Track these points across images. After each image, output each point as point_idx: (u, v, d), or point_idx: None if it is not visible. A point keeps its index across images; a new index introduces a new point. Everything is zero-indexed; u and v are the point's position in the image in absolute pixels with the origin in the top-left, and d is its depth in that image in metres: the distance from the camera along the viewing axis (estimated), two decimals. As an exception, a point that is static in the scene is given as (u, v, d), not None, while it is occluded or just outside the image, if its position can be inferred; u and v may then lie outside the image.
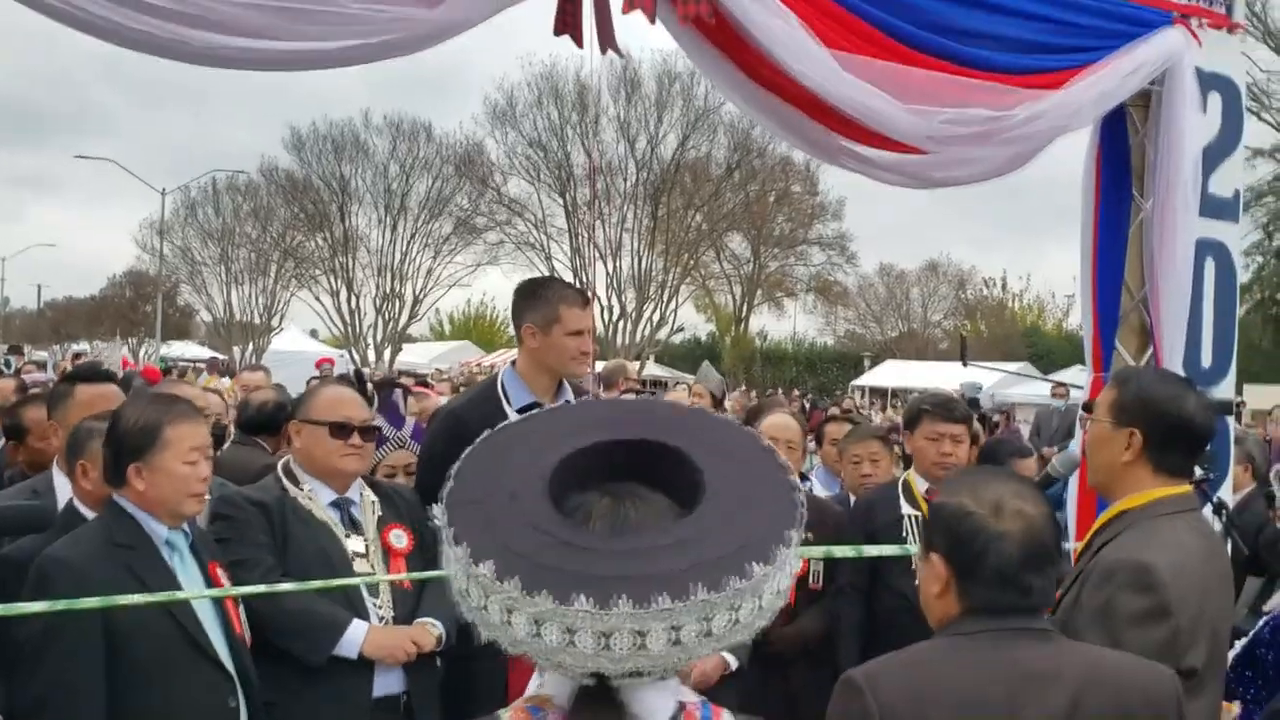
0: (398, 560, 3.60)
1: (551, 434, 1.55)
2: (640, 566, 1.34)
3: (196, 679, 2.94)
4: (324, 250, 42.86)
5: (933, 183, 4.23)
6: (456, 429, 3.94)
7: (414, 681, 3.49)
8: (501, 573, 1.34)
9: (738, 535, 1.38)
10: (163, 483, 2.97)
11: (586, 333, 3.98)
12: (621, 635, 1.31)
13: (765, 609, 1.38)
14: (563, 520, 1.42)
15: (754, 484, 1.46)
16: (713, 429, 1.57)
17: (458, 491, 1.48)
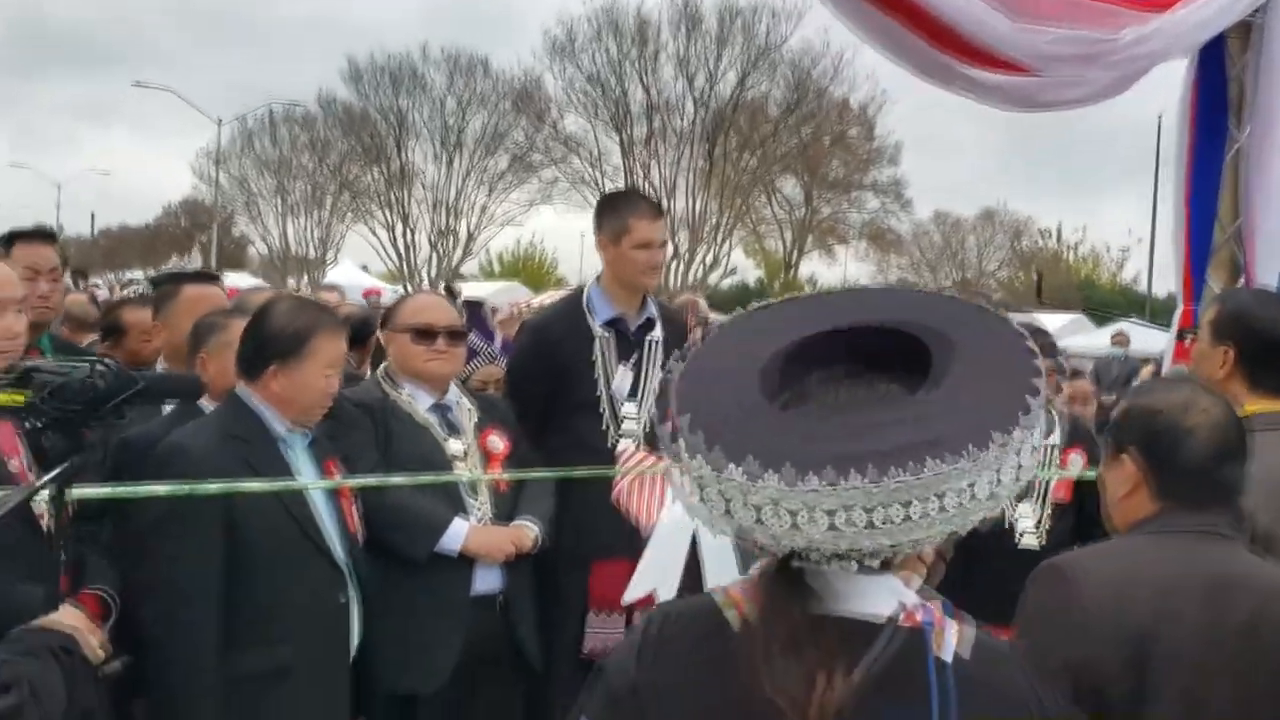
0: (495, 463, 3.67)
1: (768, 329, 1.47)
2: (870, 443, 1.26)
3: (310, 572, 3.00)
4: (380, 184, 43.10)
5: (1038, 105, 4.22)
6: (540, 342, 4.05)
7: (511, 581, 3.58)
8: (732, 457, 1.26)
9: (973, 411, 1.29)
10: (298, 390, 3.03)
11: (656, 245, 3.99)
12: (853, 512, 1.23)
13: (1005, 485, 1.28)
14: (790, 404, 1.36)
15: (988, 360, 1.36)
16: (942, 306, 1.48)
17: (679, 393, 1.39)
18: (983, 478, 1.25)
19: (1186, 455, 2.07)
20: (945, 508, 1.24)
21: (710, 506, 1.31)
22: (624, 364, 3.96)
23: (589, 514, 3.74)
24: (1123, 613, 1.96)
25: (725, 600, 1.43)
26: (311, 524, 3.03)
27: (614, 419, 3.92)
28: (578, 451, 3.78)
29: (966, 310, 1.46)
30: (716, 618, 1.41)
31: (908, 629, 1.35)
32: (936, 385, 1.33)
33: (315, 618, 3.00)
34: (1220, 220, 4.57)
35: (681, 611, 1.49)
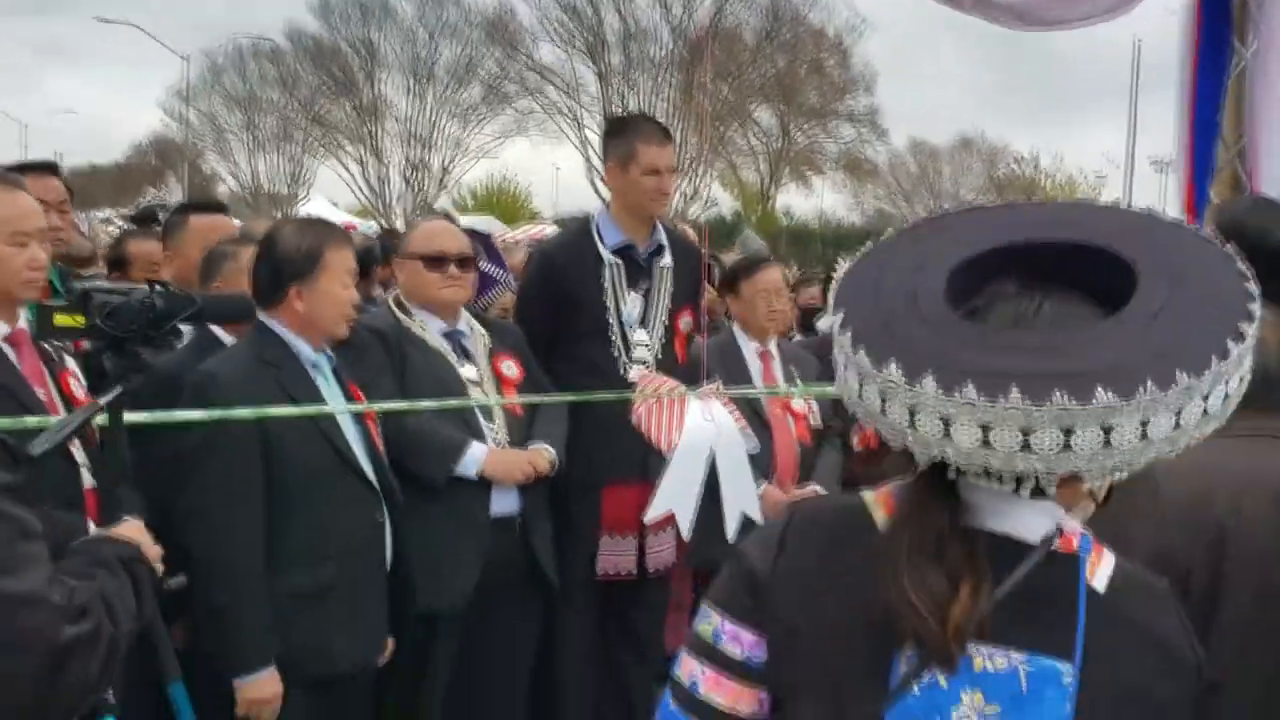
0: (509, 388, 3.69)
1: (947, 240, 1.39)
2: (1041, 363, 1.19)
3: (346, 493, 3.04)
4: (350, 118, 42.52)
5: (1047, 23, 4.18)
6: (549, 269, 4.02)
7: (528, 503, 3.61)
8: (913, 373, 1.21)
9: (1163, 345, 1.19)
10: (322, 304, 3.04)
11: (665, 171, 3.92)
12: (1008, 430, 1.17)
13: (1185, 429, 1.20)
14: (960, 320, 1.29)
15: (1191, 290, 1.26)
16: (1142, 221, 1.38)
17: (850, 301, 1.33)
18: (1160, 417, 1.17)
19: (1259, 363, 2.10)
20: (1111, 442, 1.16)
21: (888, 422, 1.26)
22: (634, 291, 3.94)
23: (600, 439, 3.76)
24: (1202, 506, 2.00)
25: (874, 500, 1.40)
26: (345, 446, 3.07)
27: (624, 346, 3.90)
28: (588, 378, 3.79)
29: (1174, 233, 1.36)
30: (862, 516, 1.39)
31: (1062, 554, 1.32)
32: (1127, 311, 1.24)
33: (354, 537, 3.04)
34: (1224, 138, 4.57)
35: (827, 506, 1.49)
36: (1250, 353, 1.22)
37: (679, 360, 4.01)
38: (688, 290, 4.05)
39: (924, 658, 1.26)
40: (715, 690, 1.41)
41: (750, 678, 1.40)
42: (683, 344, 4.03)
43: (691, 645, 1.44)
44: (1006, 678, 1.28)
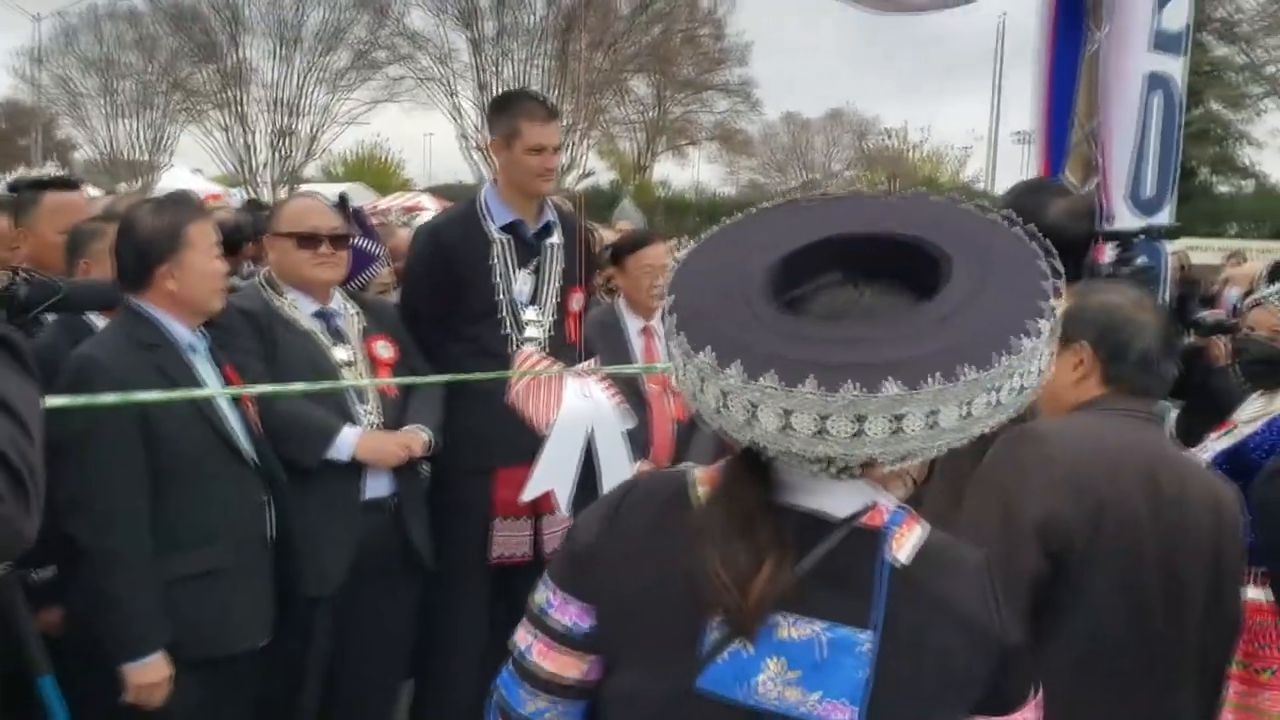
0: (384, 369, 3.66)
1: (780, 230, 1.44)
2: (871, 352, 1.24)
3: (229, 475, 3.03)
4: (214, 83, 41.14)
5: (909, 7, 4.28)
6: (435, 247, 3.96)
7: (403, 485, 3.59)
8: (722, 360, 1.26)
9: (963, 331, 1.26)
10: (193, 280, 3.01)
11: (549, 150, 3.87)
12: (839, 420, 1.22)
13: (1005, 405, 1.27)
14: (792, 309, 1.35)
15: (996, 276, 1.33)
16: (952, 214, 1.45)
17: (681, 287, 1.38)
18: (948, 408, 1.23)
19: (1139, 347, 2.27)
20: (902, 429, 1.22)
21: (703, 403, 1.33)
22: (523, 269, 3.90)
23: (491, 421, 3.72)
24: (1086, 475, 2.15)
25: (700, 477, 1.47)
26: (226, 428, 3.06)
27: (515, 325, 3.86)
28: (480, 358, 3.76)
29: (989, 229, 1.42)
30: (682, 492, 1.45)
31: (866, 528, 1.38)
32: (930, 304, 1.30)
33: (238, 519, 3.05)
34: (1077, 117, 4.75)
35: (653, 483, 1.54)
36: (1046, 347, 1.29)
37: (571, 339, 3.98)
38: (578, 268, 4.04)
39: (729, 627, 1.34)
40: (542, 658, 1.50)
41: (575, 646, 1.48)
42: (575, 322, 4.00)
43: (527, 614, 1.53)
44: (807, 645, 1.35)
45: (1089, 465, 2.16)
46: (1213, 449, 3.33)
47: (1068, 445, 2.19)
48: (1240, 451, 3.23)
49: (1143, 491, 2.16)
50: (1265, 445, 3.16)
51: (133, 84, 42.57)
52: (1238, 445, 3.25)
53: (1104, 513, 2.12)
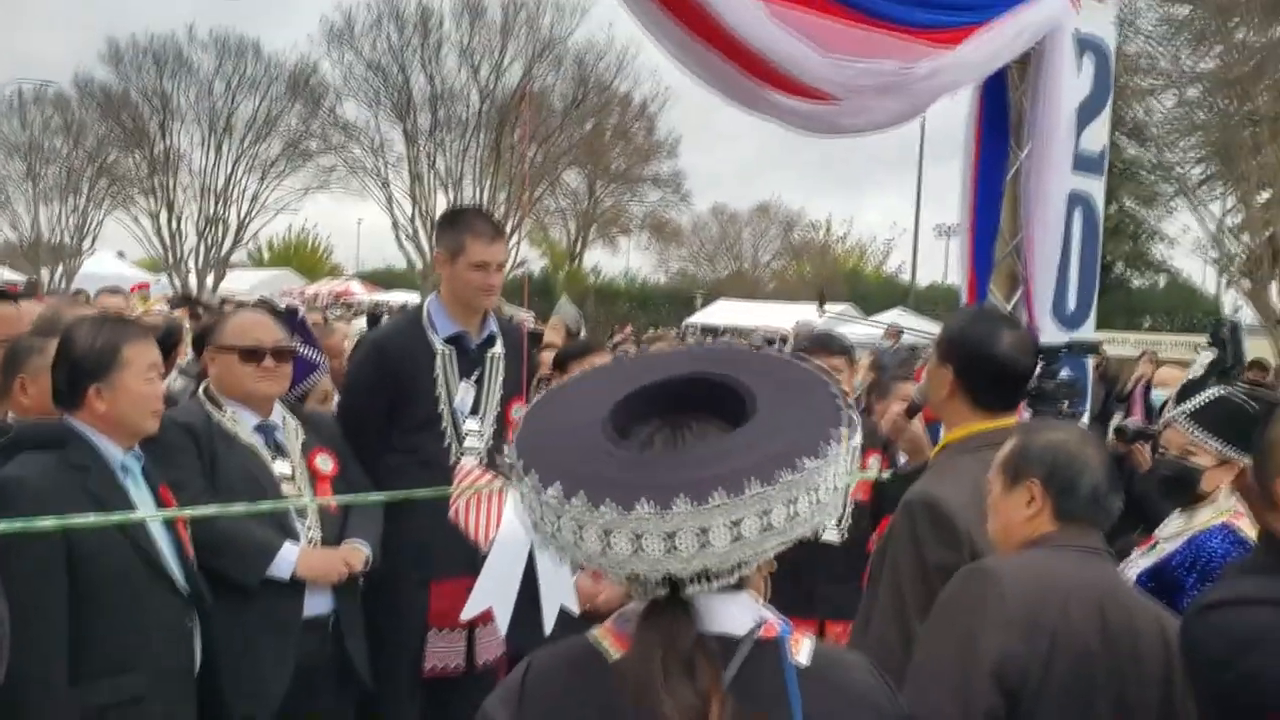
0: (324, 484, 3.64)
1: (607, 382, 1.61)
2: (696, 471, 1.39)
3: (155, 601, 2.95)
4: (142, 169, 40.85)
5: (838, 130, 4.41)
6: (380, 357, 3.99)
7: (342, 602, 3.56)
8: (569, 492, 1.39)
9: (786, 437, 1.43)
10: (124, 402, 2.96)
11: (492, 267, 3.94)
12: (685, 535, 1.36)
13: (823, 503, 1.42)
14: (623, 445, 1.48)
15: (799, 396, 1.51)
16: (758, 360, 1.63)
17: (525, 431, 1.53)
18: (776, 510, 1.37)
19: (1087, 483, 2.36)
20: (741, 535, 1.37)
21: (561, 538, 1.43)
22: (465, 380, 3.94)
23: (429, 532, 3.72)
24: (1038, 612, 2.19)
25: (599, 635, 1.54)
26: (154, 552, 2.99)
27: (456, 436, 3.89)
28: (420, 469, 3.78)
29: (775, 362, 1.62)
30: (592, 652, 1.52)
31: (766, 640, 1.50)
32: (746, 425, 1.47)
33: (163, 646, 2.97)
34: (1002, 233, 4.93)
35: (555, 652, 1.59)
36: (840, 458, 1.43)
37: (510, 449, 4.01)
38: (517, 379, 4.08)
39: None
40: None
41: None
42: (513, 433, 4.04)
43: None
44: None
45: (1041, 602, 2.20)
46: (1138, 566, 3.42)
47: (1020, 582, 2.23)
48: (1163, 570, 3.32)
49: (1093, 625, 2.21)
50: (1186, 563, 3.25)
51: (58, 169, 42.12)
52: (1160, 563, 3.34)
53: (1056, 648, 2.17)
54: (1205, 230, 22.72)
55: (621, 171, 43.49)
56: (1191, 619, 2.12)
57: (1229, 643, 2.01)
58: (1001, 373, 2.88)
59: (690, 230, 50.80)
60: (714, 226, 52.28)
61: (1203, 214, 22.50)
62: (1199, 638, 2.08)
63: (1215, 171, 23.92)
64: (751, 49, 3.79)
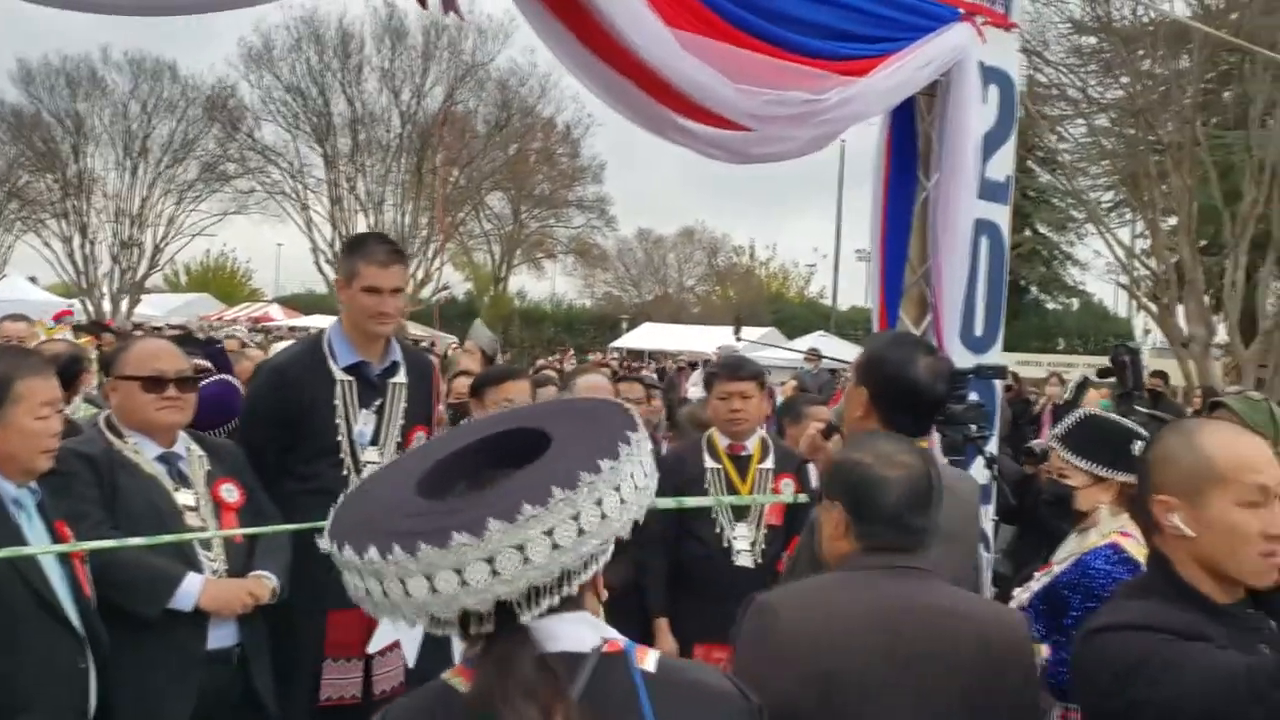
0: (229, 514, 3.57)
1: (418, 459, 1.67)
2: (501, 495, 1.46)
3: (47, 640, 2.86)
4: (54, 192, 39.94)
5: (750, 158, 4.47)
6: (279, 384, 3.93)
7: (246, 634, 3.49)
8: (383, 549, 1.44)
9: (582, 448, 1.51)
10: (14, 439, 2.87)
11: (386, 291, 3.88)
12: (505, 556, 1.41)
13: (628, 502, 1.49)
14: (431, 501, 1.53)
15: (591, 420, 1.61)
16: (558, 406, 1.77)
17: (337, 516, 1.57)
18: (561, 528, 1.43)
19: (882, 503, 2.33)
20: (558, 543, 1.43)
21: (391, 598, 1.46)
22: (366, 409, 3.89)
23: (324, 561, 3.64)
24: (812, 649, 2.16)
25: (451, 674, 1.58)
26: (47, 590, 2.89)
27: (355, 466, 3.84)
28: (317, 498, 3.67)
29: (574, 404, 1.77)
30: (447, 691, 1.56)
31: (611, 653, 1.57)
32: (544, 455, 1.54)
33: (55, 686, 2.87)
34: (911, 261, 5.02)
35: (411, 698, 1.64)
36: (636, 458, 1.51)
37: (409, 479, 3.98)
38: (422, 408, 4.05)
39: None
40: None
41: None
42: (414, 462, 4.02)
43: None
44: None
45: (815, 639, 2.18)
46: (1031, 589, 3.49)
47: (797, 619, 2.21)
48: (1052, 590, 3.38)
49: (880, 649, 2.18)
50: (1072, 583, 3.31)
51: (-37, 191, 41.04)
52: (1050, 584, 3.41)
53: (834, 686, 2.15)
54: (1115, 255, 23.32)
55: (546, 195, 43.53)
56: (1079, 644, 2.16)
57: (1113, 671, 2.05)
58: (915, 397, 2.94)
59: (615, 254, 51.03)
60: (639, 251, 52.55)
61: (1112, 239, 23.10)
62: (1085, 664, 2.11)
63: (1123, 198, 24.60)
64: (663, 77, 3.84)
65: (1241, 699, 1.90)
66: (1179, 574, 2.16)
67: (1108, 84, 22.13)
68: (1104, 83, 22.19)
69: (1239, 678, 1.92)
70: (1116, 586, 2.70)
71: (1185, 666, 1.97)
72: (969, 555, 3.10)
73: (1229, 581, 2.14)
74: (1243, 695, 1.90)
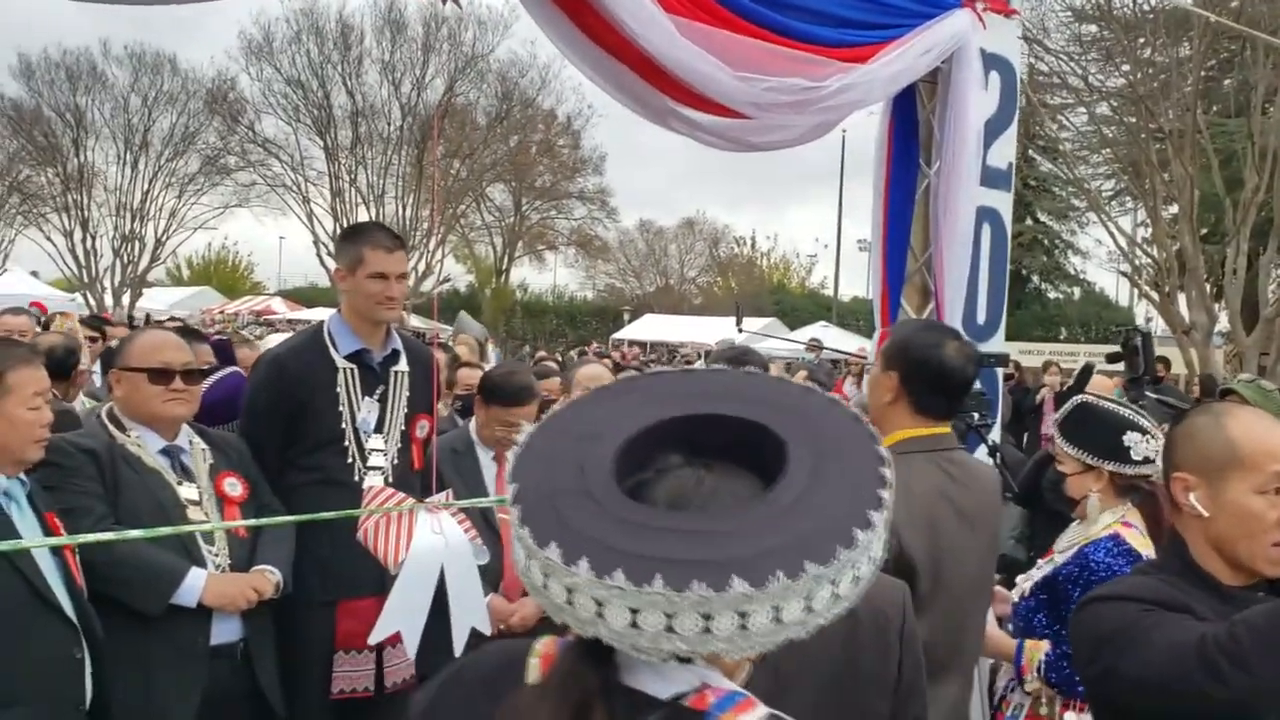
0: (232, 508, 3.56)
1: (622, 409, 1.43)
2: (717, 548, 1.23)
3: (42, 631, 2.86)
4: (55, 186, 39.96)
5: (751, 146, 4.45)
6: (280, 376, 3.90)
7: (251, 629, 3.49)
8: (569, 558, 1.24)
9: (820, 514, 1.26)
10: (5, 430, 2.88)
11: (392, 277, 3.89)
12: (687, 617, 1.21)
13: (841, 598, 1.25)
14: (634, 501, 1.32)
15: (837, 454, 1.33)
16: (794, 396, 1.44)
17: (522, 466, 1.37)
18: (791, 604, 1.22)
19: None
20: (747, 626, 1.21)
21: (549, 597, 1.29)
22: (369, 397, 3.88)
23: (334, 552, 3.68)
24: None
25: (539, 650, 1.42)
26: (40, 581, 2.89)
27: (360, 454, 3.83)
28: (323, 487, 3.73)
29: (828, 410, 1.42)
30: (519, 666, 1.41)
31: (689, 709, 1.32)
32: (771, 494, 1.29)
33: (49, 677, 2.87)
34: (913, 249, 5.00)
35: (495, 649, 1.51)
36: (879, 538, 1.28)
37: (415, 466, 3.98)
38: (424, 396, 4.04)
39: None
40: None
41: None
42: (419, 450, 4.00)
43: None
44: None
45: None
46: (1033, 577, 3.49)
47: None
48: (1053, 581, 3.37)
49: None
50: (1073, 575, 3.30)
51: (-36, 186, 41.08)
52: (1050, 575, 3.40)
53: None
54: (1116, 243, 23.30)
55: (548, 187, 43.49)
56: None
57: (1091, 640, 2.07)
58: (945, 380, 2.97)
59: (617, 246, 51.01)
60: (640, 242, 52.55)
61: (1113, 228, 23.08)
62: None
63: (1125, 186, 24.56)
64: (663, 66, 3.81)
65: (1191, 667, 1.90)
66: (1192, 554, 2.18)
67: (1109, 72, 22.09)
68: (1105, 71, 22.14)
69: (1191, 645, 1.92)
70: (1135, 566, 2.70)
71: (1153, 636, 1.99)
72: (993, 541, 3.12)
73: (1241, 566, 2.15)
74: (1192, 663, 1.90)
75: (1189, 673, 1.91)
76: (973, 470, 3.07)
